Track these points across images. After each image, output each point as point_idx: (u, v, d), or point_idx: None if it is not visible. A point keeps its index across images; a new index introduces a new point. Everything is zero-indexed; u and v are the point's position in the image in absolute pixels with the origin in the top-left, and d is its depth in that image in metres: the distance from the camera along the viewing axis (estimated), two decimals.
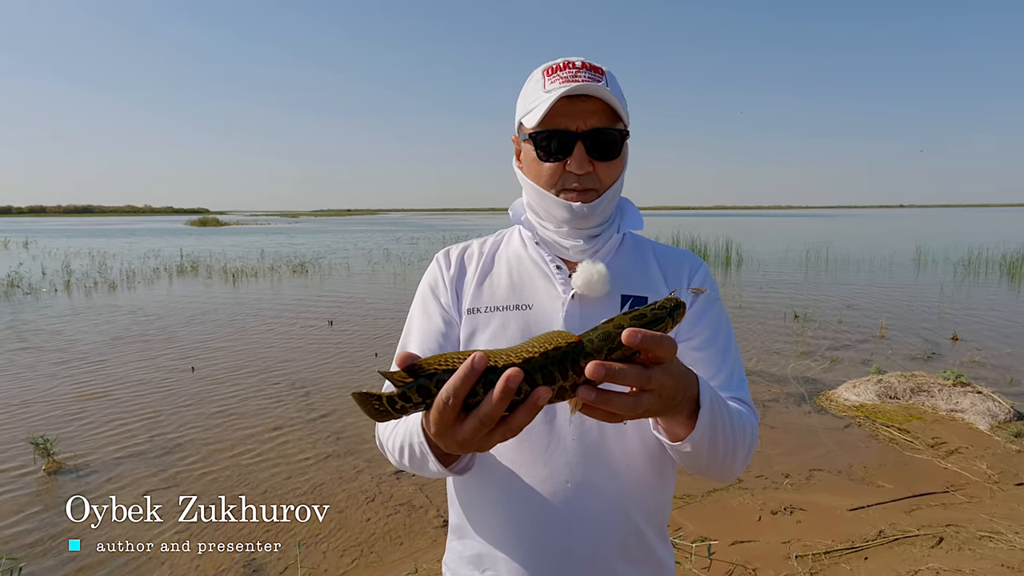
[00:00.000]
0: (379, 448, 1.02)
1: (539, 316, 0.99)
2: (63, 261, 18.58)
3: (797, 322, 8.46)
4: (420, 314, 1.06)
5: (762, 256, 18.93)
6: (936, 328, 8.03)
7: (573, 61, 0.96)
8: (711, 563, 2.84)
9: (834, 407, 5.01)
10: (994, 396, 4.77)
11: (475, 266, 1.06)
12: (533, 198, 1.01)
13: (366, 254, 21.75)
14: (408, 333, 1.06)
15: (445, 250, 1.11)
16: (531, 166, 0.99)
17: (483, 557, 1.01)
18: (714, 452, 0.81)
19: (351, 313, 9.75)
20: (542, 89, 0.95)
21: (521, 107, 1.00)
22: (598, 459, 0.95)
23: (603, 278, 0.96)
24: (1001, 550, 2.86)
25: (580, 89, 0.91)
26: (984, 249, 17.46)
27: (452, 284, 1.05)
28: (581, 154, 0.94)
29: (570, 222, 0.98)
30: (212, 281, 14.14)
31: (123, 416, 4.98)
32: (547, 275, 1.01)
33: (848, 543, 2.96)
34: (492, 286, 1.03)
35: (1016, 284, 12.24)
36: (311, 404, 5.27)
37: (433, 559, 2.97)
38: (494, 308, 1.01)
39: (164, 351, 7.20)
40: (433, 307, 1.05)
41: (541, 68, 0.98)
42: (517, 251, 1.07)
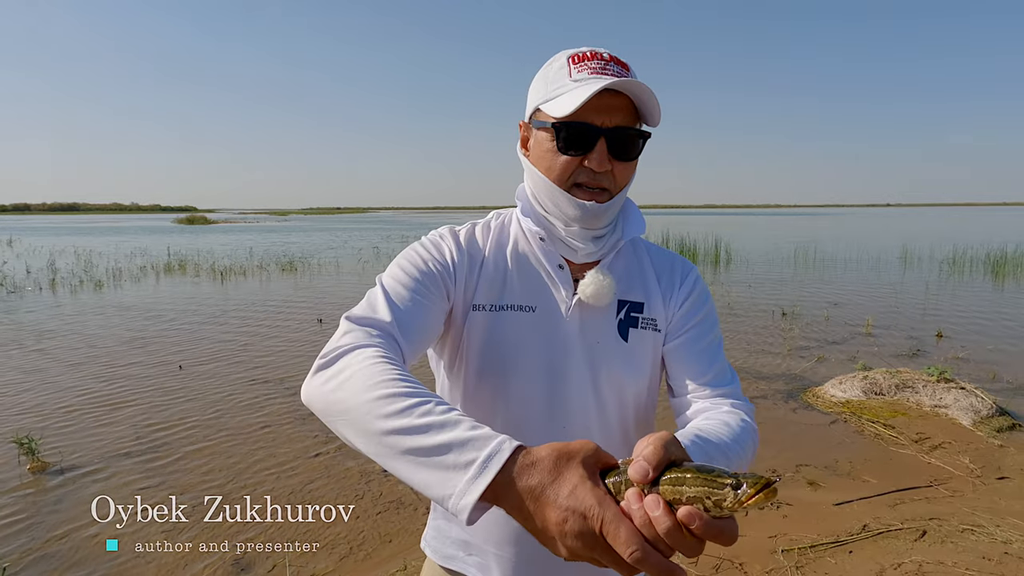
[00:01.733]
0: (319, 373, 0.79)
1: (542, 318, 0.98)
2: (48, 259, 18.35)
3: (785, 320, 8.53)
4: (409, 265, 0.95)
5: (750, 255, 19.05)
6: (921, 325, 8.12)
7: (600, 52, 0.92)
8: (698, 558, 2.86)
9: (820, 403, 5.06)
10: (977, 392, 4.84)
11: (482, 256, 1.02)
12: (541, 190, 0.97)
13: (356, 252, 21.68)
14: (396, 277, 0.93)
15: (450, 228, 1.03)
16: (544, 156, 0.94)
17: (469, 544, 1.03)
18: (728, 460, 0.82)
19: (341, 311, 9.68)
20: (568, 77, 0.90)
21: (540, 93, 0.94)
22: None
23: (611, 290, 0.96)
24: (982, 542, 2.91)
25: (621, 85, 0.86)
26: (968, 248, 17.68)
27: (460, 269, 0.98)
28: (602, 151, 0.90)
29: (580, 220, 0.95)
30: (200, 279, 14.02)
31: (110, 414, 4.94)
32: (551, 275, 0.99)
33: (833, 537, 3.00)
34: (497, 282, 1.00)
35: (1000, 282, 12.40)
36: (300, 403, 5.23)
37: (422, 556, 2.96)
38: (499, 307, 0.98)
39: (151, 349, 7.14)
40: (431, 279, 0.95)
41: (565, 55, 0.93)
42: (521, 245, 1.03)
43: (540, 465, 0.57)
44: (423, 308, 0.91)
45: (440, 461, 0.60)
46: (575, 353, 0.97)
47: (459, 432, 0.61)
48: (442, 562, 1.07)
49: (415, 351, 0.89)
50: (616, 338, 0.98)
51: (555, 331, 0.97)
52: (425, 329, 0.91)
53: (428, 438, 0.62)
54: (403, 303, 0.89)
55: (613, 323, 0.99)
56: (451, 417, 0.63)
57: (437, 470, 0.60)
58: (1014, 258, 14.81)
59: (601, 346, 0.97)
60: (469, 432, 0.61)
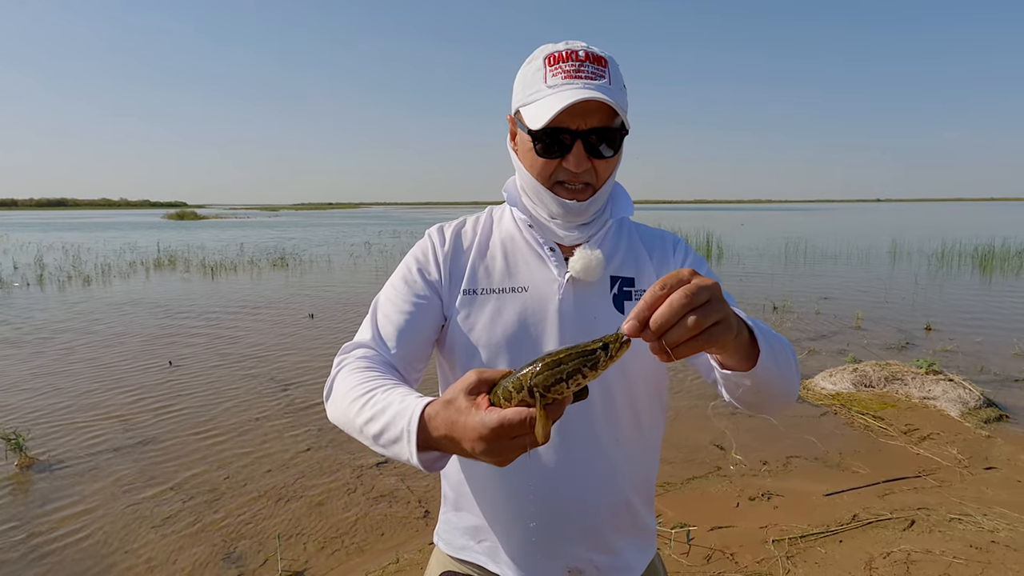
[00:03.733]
0: (326, 392, 0.94)
1: (535, 298, 0.99)
2: (36, 255, 18.16)
3: (776, 313, 8.57)
4: (396, 286, 1.03)
5: (741, 249, 19.13)
6: (910, 319, 8.19)
7: (576, 51, 0.92)
8: (690, 548, 2.88)
9: (811, 396, 5.10)
10: (965, 384, 4.88)
11: (470, 245, 1.05)
12: (528, 184, 1.00)
13: (347, 248, 21.60)
14: (380, 303, 1.02)
15: (439, 226, 1.08)
16: (527, 156, 0.97)
17: (479, 529, 1.04)
18: (780, 368, 0.80)
19: (332, 307, 9.68)
20: (543, 82, 0.92)
21: (519, 94, 0.97)
22: (590, 437, 0.98)
23: (600, 264, 0.98)
24: (970, 531, 2.94)
25: (585, 96, 0.87)
26: (957, 242, 17.86)
27: (446, 262, 1.03)
28: (580, 153, 0.92)
29: (563, 217, 0.98)
30: (190, 275, 13.92)
31: (99, 410, 4.90)
32: (542, 257, 1.01)
33: (823, 527, 3.02)
34: (488, 267, 1.03)
35: (987, 276, 12.52)
36: (291, 397, 5.22)
37: (415, 549, 2.97)
38: (491, 290, 1.00)
39: (141, 345, 7.08)
40: (412, 281, 1.02)
41: (542, 54, 0.94)
42: (511, 232, 1.06)
43: (441, 415, 0.70)
44: (408, 315, 0.99)
45: (388, 438, 0.76)
46: (571, 330, 0.98)
47: (389, 412, 0.77)
48: (453, 553, 1.08)
49: (407, 355, 0.98)
50: (613, 312, 0.99)
51: (549, 309, 0.98)
52: (413, 332, 0.98)
53: (376, 424, 0.79)
54: (387, 318, 0.99)
55: (608, 298, 1.00)
56: (386, 399, 0.79)
57: (391, 445, 0.76)
58: (1001, 252, 14.98)
59: (598, 321, 0.98)
60: (396, 408, 0.76)
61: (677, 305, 0.61)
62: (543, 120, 0.88)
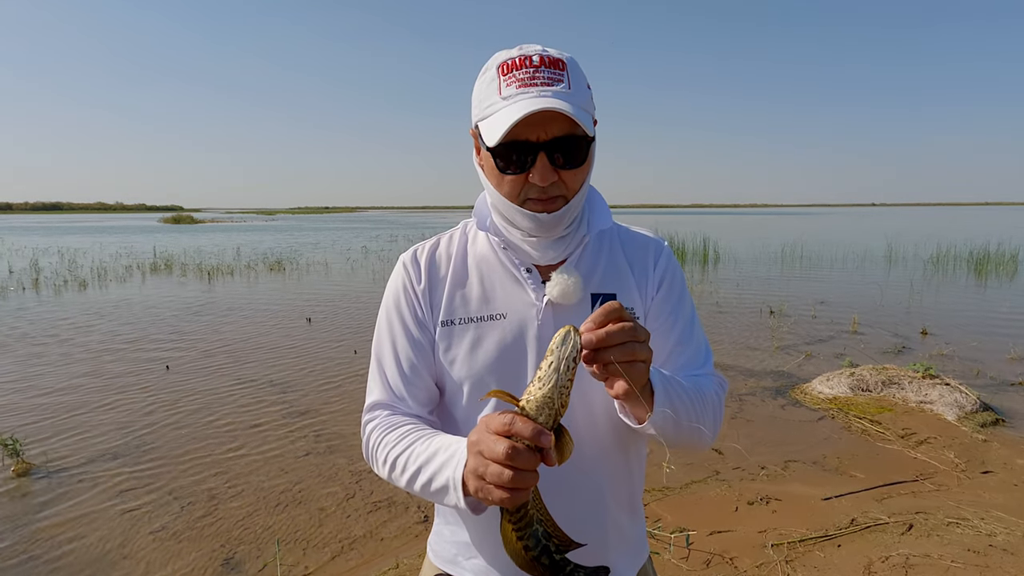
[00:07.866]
0: (366, 457, 0.99)
1: (514, 324, 0.96)
2: (31, 259, 18.10)
3: (772, 318, 8.60)
4: (389, 334, 1.02)
5: (738, 253, 19.19)
6: (906, 323, 8.22)
7: (531, 56, 0.86)
8: (689, 553, 2.88)
9: (808, 400, 5.11)
10: (961, 388, 4.90)
11: (445, 273, 1.01)
12: (497, 201, 0.94)
13: (344, 252, 21.58)
14: (382, 356, 1.02)
15: (412, 253, 1.05)
16: (491, 174, 0.91)
17: (469, 546, 1.03)
18: (679, 425, 0.85)
19: (329, 311, 9.67)
20: (497, 93, 0.86)
21: (476, 107, 0.91)
22: (575, 455, 0.97)
23: (578, 288, 0.94)
24: (968, 535, 2.95)
25: (539, 107, 0.81)
26: (952, 246, 17.95)
27: (424, 297, 1.00)
28: (544, 166, 0.86)
29: (537, 231, 0.93)
30: (187, 279, 13.90)
31: (96, 415, 4.88)
32: (518, 280, 0.98)
33: (822, 531, 3.03)
34: (465, 295, 0.99)
35: (982, 280, 12.59)
36: (289, 402, 5.21)
37: (414, 555, 2.97)
38: (468, 319, 0.98)
39: (138, 349, 7.06)
40: (403, 325, 1.01)
41: (496, 63, 0.88)
42: (485, 255, 1.02)
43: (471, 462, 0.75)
44: (411, 363, 0.99)
45: (437, 489, 0.82)
46: None
47: (433, 465, 0.83)
48: (443, 566, 1.07)
49: (424, 398, 1.00)
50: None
51: (529, 336, 0.96)
52: (421, 377, 0.99)
53: (422, 478, 0.85)
54: (393, 372, 1.00)
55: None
56: (426, 452, 0.85)
57: (440, 494, 0.82)
58: (996, 256, 15.07)
59: None
60: (440, 460, 0.82)
61: (628, 328, 0.71)
62: (498, 135, 0.83)
